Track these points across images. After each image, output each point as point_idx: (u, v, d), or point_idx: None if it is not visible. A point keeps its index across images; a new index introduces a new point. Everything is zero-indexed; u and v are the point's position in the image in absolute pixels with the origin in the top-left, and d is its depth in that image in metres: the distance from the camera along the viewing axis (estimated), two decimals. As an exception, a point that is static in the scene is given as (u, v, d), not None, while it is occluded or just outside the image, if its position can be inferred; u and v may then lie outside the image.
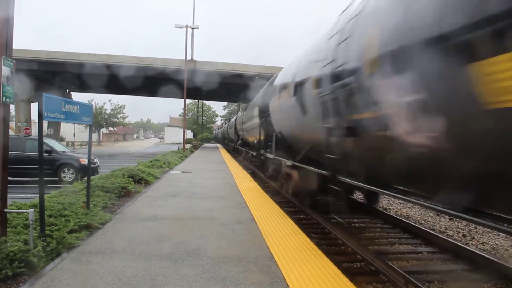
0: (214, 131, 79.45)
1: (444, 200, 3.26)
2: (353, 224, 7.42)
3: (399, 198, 5.15)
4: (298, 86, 7.09)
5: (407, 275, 4.35)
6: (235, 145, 26.51)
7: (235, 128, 25.13)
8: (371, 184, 4.76)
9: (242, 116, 20.45)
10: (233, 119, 31.40)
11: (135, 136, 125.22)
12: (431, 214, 8.51)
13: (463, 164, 2.93)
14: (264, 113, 11.78)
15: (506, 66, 2.14)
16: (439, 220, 8.10)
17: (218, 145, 51.51)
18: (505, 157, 2.43)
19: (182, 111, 38.22)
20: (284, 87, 8.54)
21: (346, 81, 4.54)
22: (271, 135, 10.59)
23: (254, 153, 15.14)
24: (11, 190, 4.54)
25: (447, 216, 7.88)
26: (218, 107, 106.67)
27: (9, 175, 4.15)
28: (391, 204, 10.04)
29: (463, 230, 7.27)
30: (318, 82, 5.84)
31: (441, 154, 3.08)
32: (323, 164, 6.36)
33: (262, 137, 12.76)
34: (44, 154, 8.39)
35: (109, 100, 61.75)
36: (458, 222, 7.76)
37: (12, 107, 9.15)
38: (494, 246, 6.27)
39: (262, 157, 12.87)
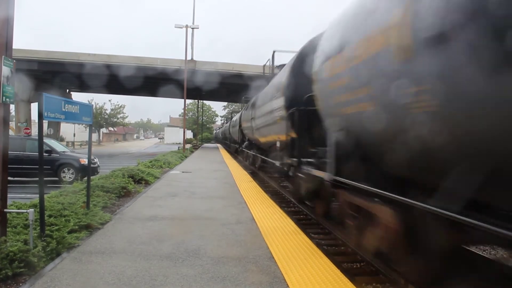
0: (214, 131, 79.42)
1: None
2: None
3: None
4: None
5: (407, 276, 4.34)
6: (240, 147, 21.16)
7: (240, 126, 20.45)
8: None
9: (249, 112, 15.28)
10: (236, 117, 26.45)
11: (135, 136, 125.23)
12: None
13: None
14: (295, 100, 7.55)
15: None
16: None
17: (218, 145, 51.51)
18: None
19: (182, 111, 38.27)
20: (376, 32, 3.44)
21: None
22: (307, 137, 6.95)
23: (277, 163, 9.20)
24: (11, 190, 4.55)
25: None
26: (218, 107, 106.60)
27: (9, 175, 4.15)
28: None
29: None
30: None
31: None
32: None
33: (289, 138, 7.92)
34: (44, 154, 8.39)
35: (109, 100, 61.71)
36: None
37: (12, 107, 9.15)
38: (494, 246, 6.26)
39: (298, 173, 7.15)
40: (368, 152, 4.30)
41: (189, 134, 63.72)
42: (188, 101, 51.47)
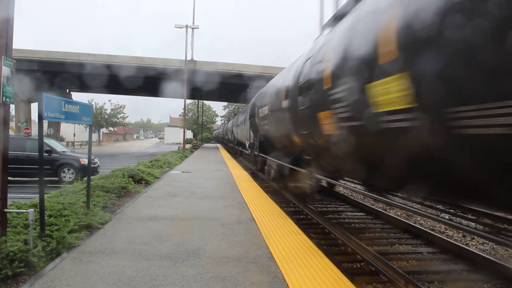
0: (214, 131, 79.47)
1: None
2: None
3: None
4: None
5: (407, 275, 4.35)
6: (256, 151, 13.37)
7: (254, 122, 13.32)
8: None
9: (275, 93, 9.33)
10: (241, 115, 20.11)
11: (135, 136, 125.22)
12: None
13: None
14: None
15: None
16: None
17: (218, 145, 51.54)
18: None
19: (182, 111, 38.25)
20: None
21: None
22: None
23: None
24: (11, 190, 4.55)
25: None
26: (218, 107, 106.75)
27: (9, 175, 4.15)
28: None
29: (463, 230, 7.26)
30: None
31: None
32: None
33: None
34: (44, 154, 8.39)
35: (109, 100, 61.80)
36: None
37: (12, 107, 9.15)
38: (494, 246, 6.26)
39: None
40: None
41: (189, 134, 63.74)
42: (188, 101, 51.50)
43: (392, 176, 3.92)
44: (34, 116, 30.24)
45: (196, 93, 36.91)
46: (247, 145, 15.53)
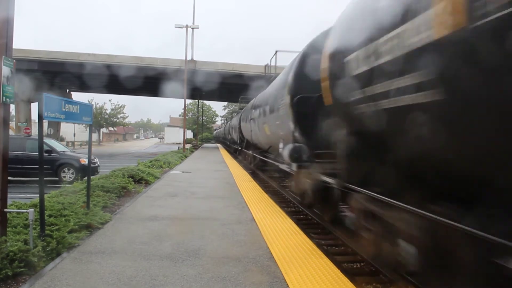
0: (215, 131, 79.47)
1: None
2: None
3: None
4: None
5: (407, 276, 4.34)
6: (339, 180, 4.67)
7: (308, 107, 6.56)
8: None
9: None
10: (255, 109, 13.23)
11: (135, 136, 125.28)
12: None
13: None
14: None
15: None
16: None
17: (218, 145, 51.54)
18: None
19: (182, 111, 38.27)
20: None
21: None
22: None
23: None
24: (11, 190, 4.55)
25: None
26: (218, 107, 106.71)
27: (9, 175, 4.15)
28: None
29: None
30: None
31: None
32: None
33: None
34: (44, 154, 8.39)
35: (109, 100, 61.71)
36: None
37: (12, 107, 9.14)
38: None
39: None
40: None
41: (189, 134, 63.73)
42: (188, 101, 51.47)
43: None
44: (34, 116, 30.25)
45: (196, 93, 36.90)
46: (285, 153, 7.22)
